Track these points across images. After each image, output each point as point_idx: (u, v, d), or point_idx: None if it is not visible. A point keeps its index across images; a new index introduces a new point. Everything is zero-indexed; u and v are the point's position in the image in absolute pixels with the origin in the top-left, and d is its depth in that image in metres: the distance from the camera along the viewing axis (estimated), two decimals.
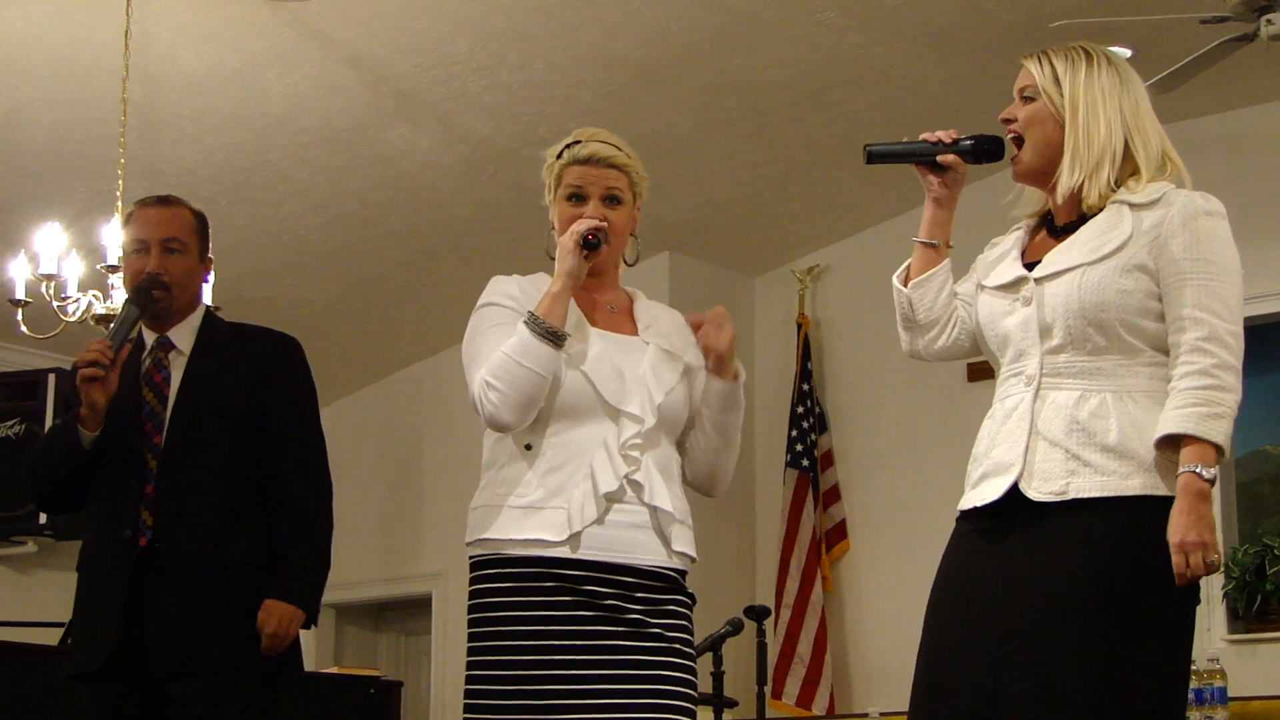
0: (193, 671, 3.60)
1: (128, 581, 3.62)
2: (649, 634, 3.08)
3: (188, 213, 3.91)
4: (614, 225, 3.21)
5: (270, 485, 3.75)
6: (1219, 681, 5.98)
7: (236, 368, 3.80)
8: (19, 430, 7.80)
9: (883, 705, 6.68)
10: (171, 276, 3.79)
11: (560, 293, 3.10)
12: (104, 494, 3.75)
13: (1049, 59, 2.98)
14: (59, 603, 6.93)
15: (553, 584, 3.06)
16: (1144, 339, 2.84)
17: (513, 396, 3.05)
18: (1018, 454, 2.84)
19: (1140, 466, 2.77)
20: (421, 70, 6.33)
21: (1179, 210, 2.86)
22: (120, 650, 3.61)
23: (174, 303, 3.81)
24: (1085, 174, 2.91)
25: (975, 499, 2.91)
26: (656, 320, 3.29)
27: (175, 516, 3.65)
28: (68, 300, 5.71)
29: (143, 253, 3.81)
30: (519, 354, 3.04)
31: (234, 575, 3.66)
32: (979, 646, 2.79)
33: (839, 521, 7.95)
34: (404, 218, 7.45)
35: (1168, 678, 2.77)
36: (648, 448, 3.13)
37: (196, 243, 3.89)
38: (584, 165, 3.24)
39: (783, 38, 6.27)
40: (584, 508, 3.05)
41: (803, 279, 8.26)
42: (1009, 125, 2.99)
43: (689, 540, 3.20)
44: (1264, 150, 7.01)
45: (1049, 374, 2.86)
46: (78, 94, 6.24)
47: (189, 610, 3.61)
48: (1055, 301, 2.86)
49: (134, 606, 3.61)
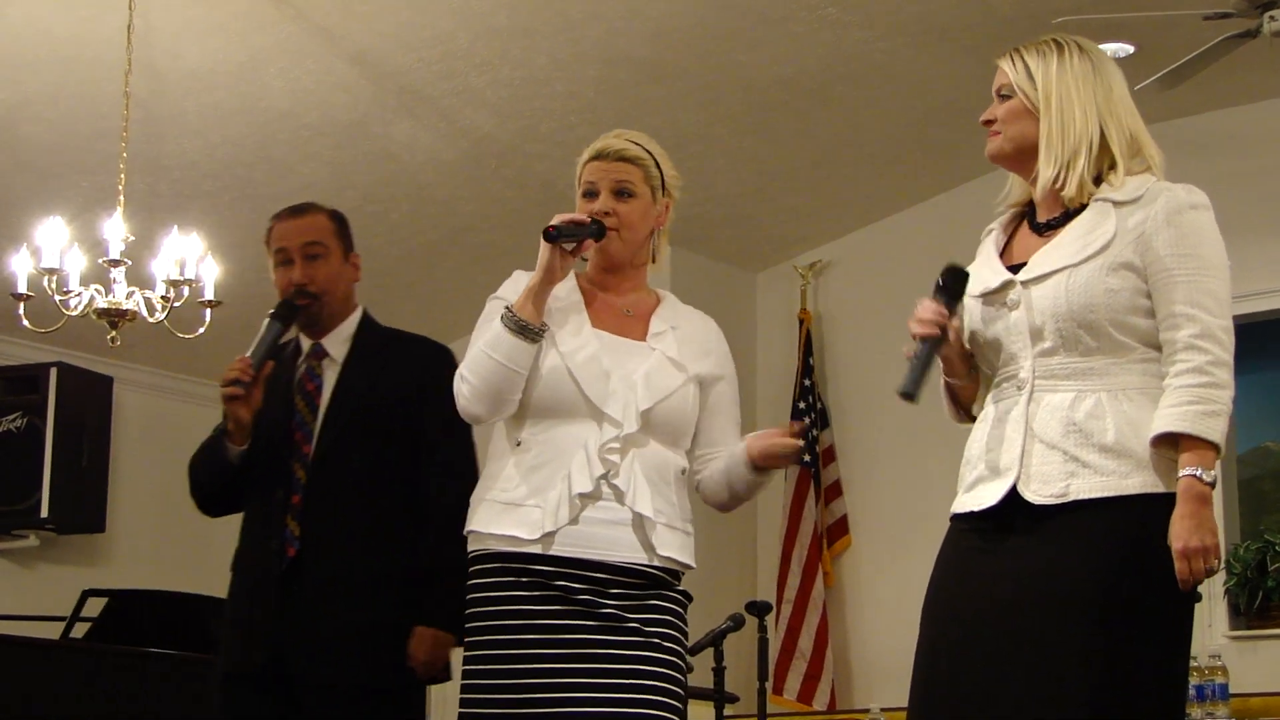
0: (332, 684, 3.56)
1: (277, 592, 3.60)
2: (626, 628, 3.08)
3: (324, 216, 3.88)
4: (623, 218, 3.21)
5: (421, 498, 3.67)
6: (1220, 678, 5.99)
7: (389, 377, 3.74)
8: (20, 424, 7.81)
9: (884, 701, 6.68)
10: (317, 284, 3.77)
11: (535, 287, 3.12)
12: (255, 501, 3.74)
13: (1020, 55, 2.98)
14: (60, 596, 6.96)
15: (528, 579, 3.08)
16: (1135, 336, 2.83)
17: (480, 388, 3.11)
18: (1014, 457, 2.82)
19: (1139, 465, 2.76)
20: (424, 66, 6.33)
21: (1163, 205, 2.83)
22: (252, 654, 3.62)
23: (324, 308, 3.78)
24: (1061, 165, 2.89)
25: (970, 503, 2.90)
26: (678, 327, 3.26)
27: (321, 528, 3.62)
28: (69, 294, 5.71)
29: (288, 264, 3.80)
30: (490, 347, 3.10)
31: (379, 589, 3.61)
32: (978, 646, 2.79)
33: (840, 517, 7.95)
34: (406, 213, 7.45)
35: (1169, 676, 2.77)
36: (632, 452, 3.12)
37: (338, 244, 3.85)
38: (597, 161, 3.28)
39: (785, 34, 6.27)
40: (558, 509, 3.08)
41: (804, 275, 8.27)
42: (989, 126, 2.98)
43: (680, 546, 3.17)
44: (1266, 147, 7.00)
45: (1042, 376, 2.84)
46: (81, 88, 6.25)
47: (332, 623, 3.56)
48: (1044, 304, 2.84)
49: (280, 616, 3.58)
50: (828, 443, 8.01)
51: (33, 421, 7.79)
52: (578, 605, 3.06)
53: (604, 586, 3.08)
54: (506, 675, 3.06)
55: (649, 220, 3.26)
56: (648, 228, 3.26)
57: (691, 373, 3.22)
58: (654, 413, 3.14)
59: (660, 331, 3.24)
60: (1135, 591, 2.73)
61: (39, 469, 7.73)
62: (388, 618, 3.59)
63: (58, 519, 7.79)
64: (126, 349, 6.76)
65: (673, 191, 3.31)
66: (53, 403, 7.81)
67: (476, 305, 3.29)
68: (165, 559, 8.39)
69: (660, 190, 3.28)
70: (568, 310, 3.21)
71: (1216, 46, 5.59)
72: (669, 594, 3.16)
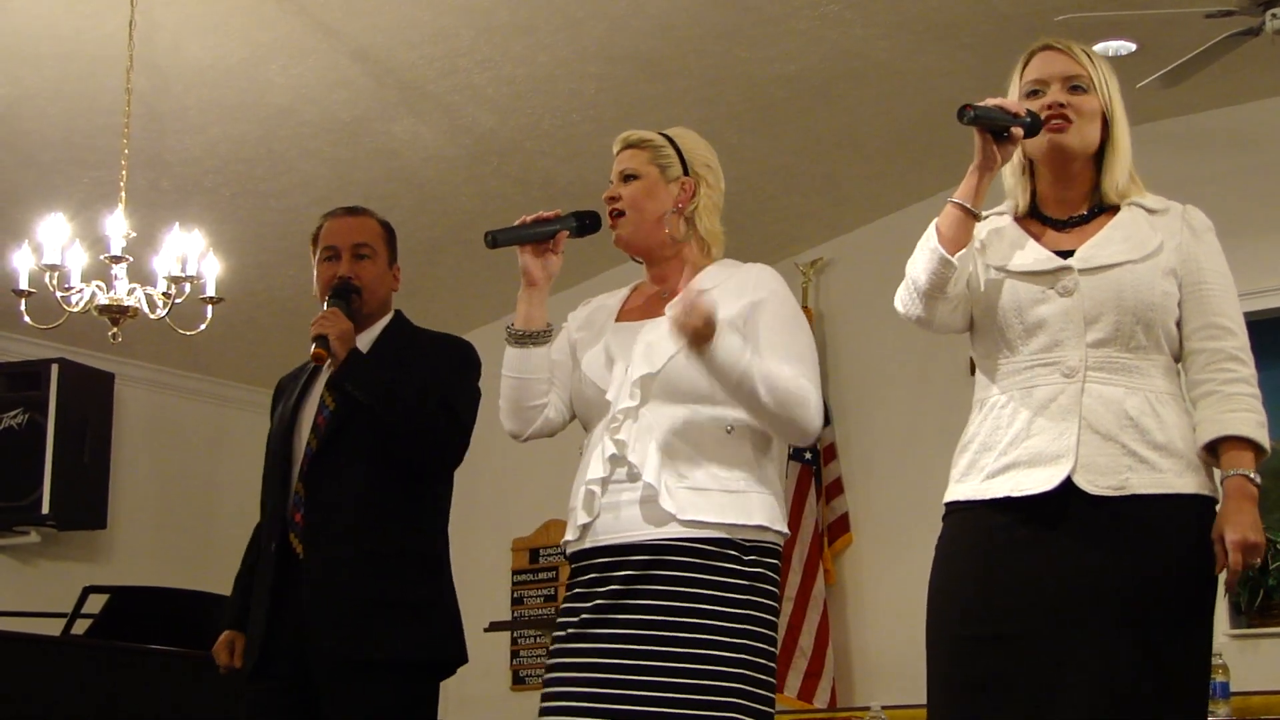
0: (343, 660, 3.59)
1: (275, 585, 3.68)
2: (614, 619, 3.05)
3: (375, 221, 3.96)
4: (626, 199, 3.24)
5: None
6: (1221, 676, 5.97)
7: (408, 369, 3.77)
8: (21, 420, 7.81)
9: (885, 699, 6.67)
10: (362, 281, 3.85)
11: (522, 294, 3.22)
12: (269, 494, 3.81)
13: (1091, 56, 3.00)
14: (61, 593, 6.96)
15: (575, 577, 3.17)
16: (1170, 342, 2.89)
17: (504, 407, 3.25)
18: (1067, 445, 2.81)
19: (1188, 465, 2.82)
20: (426, 63, 6.33)
21: (1193, 221, 2.93)
22: (267, 653, 3.66)
23: (364, 306, 3.85)
24: (1122, 175, 2.96)
25: (1006, 488, 2.84)
26: (721, 284, 3.17)
27: (319, 517, 3.68)
28: (71, 291, 5.71)
29: (334, 259, 3.88)
30: (503, 366, 3.23)
31: (384, 566, 3.65)
32: (1030, 639, 2.78)
33: (842, 515, 7.95)
34: (408, 210, 7.44)
35: (1205, 673, 2.84)
36: (645, 423, 3.10)
37: (385, 250, 3.93)
38: (616, 157, 3.32)
39: (787, 31, 6.27)
40: (584, 503, 3.14)
41: (806, 272, 8.26)
42: (1059, 109, 2.94)
43: (713, 506, 3.04)
44: (1269, 145, 7.00)
45: (1094, 367, 2.84)
46: (83, 84, 6.24)
47: (335, 605, 3.61)
48: (1104, 295, 2.85)
49: (283, 609, 3.65)
50: (829, 440, 8.00)
51: (34, 418, 7.80)
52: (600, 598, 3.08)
53: (643, 569, 3.04)
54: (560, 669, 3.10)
55: (659, 199, 3.24)
56: (658, 207, 3.24)
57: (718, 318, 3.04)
58: (661, 377, 3.11)
59: (677, 300, 3.09)
60: (1190, 587, 2.78)
61: (40, 465, 7.73)
62: (394, 594, 3.64)
63: (59, 515, 7.79)
64: (128, 345, 6.77)
65: (699, 171, 3.27)
66: (54, 399, 7.82)
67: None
68: (166, 555, 8.40)
69: (677, 169, 3.26)
70: (591, 323, 3.29)
71: (1218, 44, 5.59)
72: (718, 565, 3.03)
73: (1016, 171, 3.04)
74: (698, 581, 3.02)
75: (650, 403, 3.11)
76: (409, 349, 3.86)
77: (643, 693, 2.99)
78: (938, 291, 2.90)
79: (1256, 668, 6.53)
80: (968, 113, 2.84)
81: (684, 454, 3.07)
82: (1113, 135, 2.96)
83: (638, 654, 3.01)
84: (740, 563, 3.05)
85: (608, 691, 3.00)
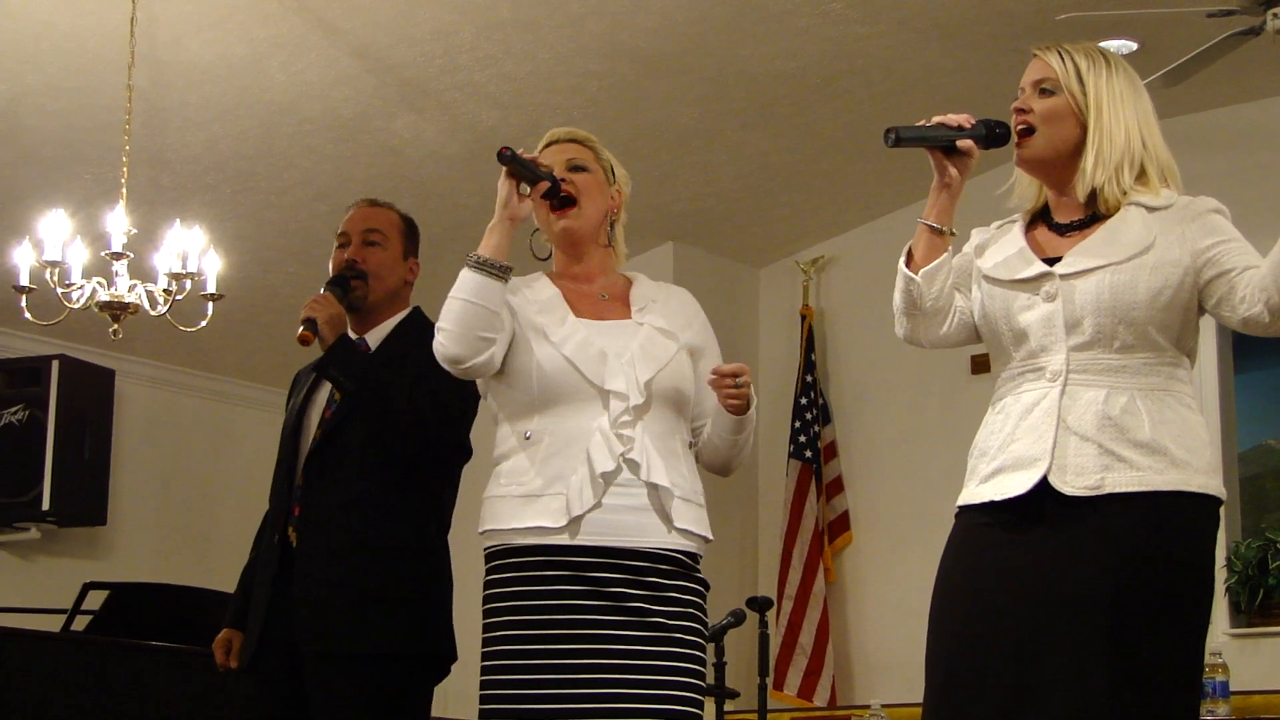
0: (333, 653, 3.59)
1: (275, 577, 3.69)
2: (650, 623, 3.07)
3: (394, 214, 3.96)
4: (580, 187, 3.26)
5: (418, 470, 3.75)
6: (1221, 676, 5.98)
7: (405, 363, 3.75)
8: (22, 417, 7.81)
9: (885, 697, 6.68)
10: (367, 266, 3.82)
11: (494, 225, 3.21)
12: (276, 486, 3.82)
13: (1070, 56, 2.98)
14: (61, 589, 6.96)
15: (555, 571, 3.07)
16: (1169, 337, 2.87)
17: (454, 330, 3.14)
18: (1044, 448, 2.83)
19: (1173, 463, 2.80)
20: (427, 60, 6.33)
21: (1194, 207, 2.91)
22: (264, 645, 3.67)
23: (370, 294, 3.82)
24: (1107, 175, 2.92)
25: (990, 493, 2.89)
26: (655, 300, 3.30)
27: (315, 509, 3.68)
28: (71, 287, 5.71)
29: (344, 245, 3.87)
30: (458, 291, 3.18)
31: (378, 559, 3.64)
32: (1006, 638, 2.79)
33: (842, 513, 7.96)
34: (408, 207, 7.30)
35: (1188, 672, 2.80)
36: (643, 425, 3.12)
37: (399, 240, 3.92)
38: (550, 147, 3.36)
39: (788, 29, 6.27)
40: (582, 492, 3.07)
41: (807, 270, 8.27)
42: (1022, 116, 2.96)
43: (696, 518, 3.17)
44: (1270, 144, 7.00)
45: (1076, 370, 2.85)
46: (84, 81, 6.24)
47: (323, 596, 3.61)
48: (1084, 299, 2.85)
49: (282, 601, 3.66)
50: (829, 438, 8.01)
51: (34, 414, 7.80)
52: (607, 599, 3.06)
53: (639, 575, 3.07)
54: (531, 670, 3.05)
55: (604, 199, 3.31)
56: (604, 205, 3.31)
57: (682, 341, 3.24)
58: (655, 382, 3.15)
59: (642, 307, 3.27)
60: (1161, 586, 2.75)
61: (40, 462, 7.73)
62: (381, 588, 3.62)
63: (59, 512, 7.79)
64: (128, 342, 6.78)
65: (621, 186, 3.35)
66: (54, 395, 7.81)
67: None
68: (166, 552, 8.40)
69: (610, 176, 3.33)
70: (549, 307, 3.24)
71: (1220, 44, 5.59)
72: (690, 584, 3.16)
73: (1024, 178, 3.05)
74: (695, 605, 3.16)
75: (650, 406, 3.15)
76: (419, 347, 3.80)
77: (643, 691, 3.05)
78: (912, 309, 2.99)
79: (1256, 667, 6.53)
80: (890, 136, 2.94)
81: (671, 462, 3.15)
82: (1090, 131, 2.93)
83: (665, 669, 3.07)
84: (698, 573, 3.20)
85: (618, 691, 3.04)
